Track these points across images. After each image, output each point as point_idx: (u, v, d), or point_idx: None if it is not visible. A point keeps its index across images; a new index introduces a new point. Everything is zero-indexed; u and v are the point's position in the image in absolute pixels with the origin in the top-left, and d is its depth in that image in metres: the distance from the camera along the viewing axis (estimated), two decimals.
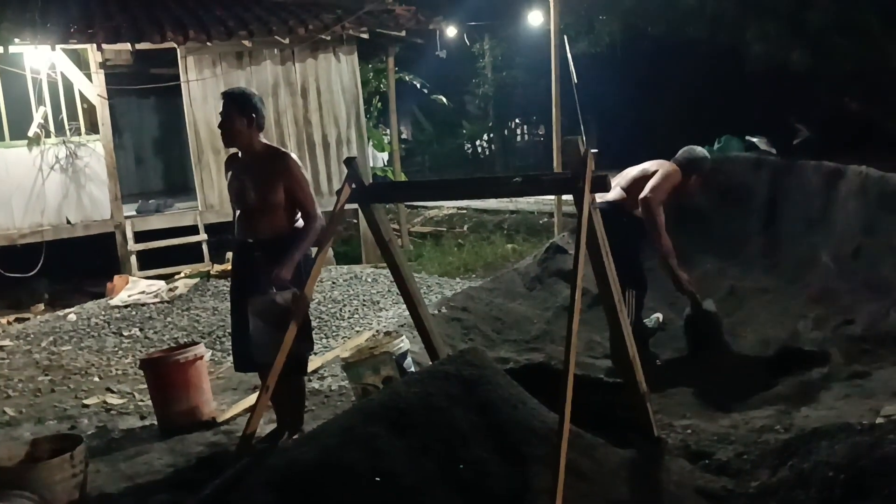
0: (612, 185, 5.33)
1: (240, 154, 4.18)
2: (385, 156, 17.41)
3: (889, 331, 4.90)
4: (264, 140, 4.19)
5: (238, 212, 4.22)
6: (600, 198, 5.28)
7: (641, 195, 5.22)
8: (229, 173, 4.22)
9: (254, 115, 4.04)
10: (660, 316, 5.92)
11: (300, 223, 4.14)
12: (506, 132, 26.06)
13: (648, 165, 5.43)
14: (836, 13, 11.58)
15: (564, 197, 8.66)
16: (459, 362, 3.21)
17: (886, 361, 4.69)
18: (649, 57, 18.11)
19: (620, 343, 3.47)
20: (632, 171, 5.49)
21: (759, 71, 13.63)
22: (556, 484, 2.59)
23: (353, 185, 3.73)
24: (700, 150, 5.45)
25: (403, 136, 23.63)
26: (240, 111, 4.02)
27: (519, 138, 27.94)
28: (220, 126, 4.10)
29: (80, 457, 3.37)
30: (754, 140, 11.46)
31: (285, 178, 4.04)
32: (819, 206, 6.18)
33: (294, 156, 4.21)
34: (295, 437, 4.07)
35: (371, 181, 4.30)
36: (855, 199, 5.87)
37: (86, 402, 5.31)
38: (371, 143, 15.86)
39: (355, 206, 3.99)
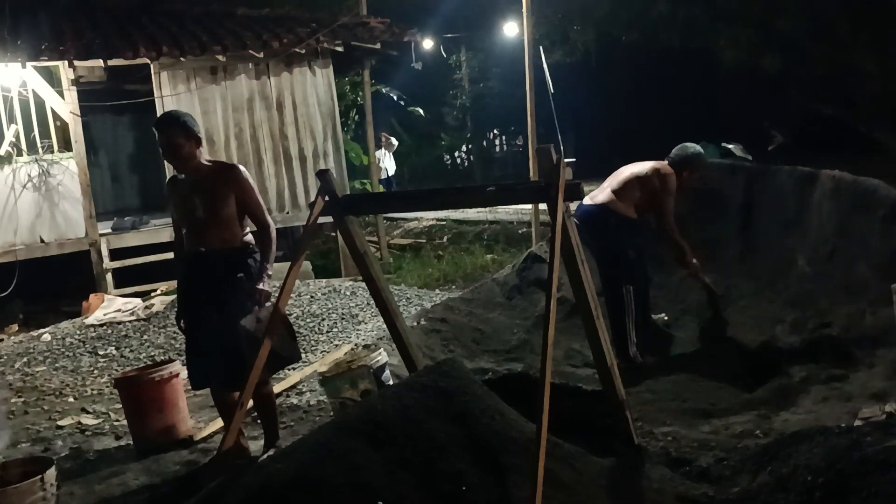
0: (604, 186, 5.52)
1: (183, 175, 4.12)
2: (392, 165, 17.40)
3: (865, 333, 4.92)
4: (207, 156, 4.17)
5: (185, 230, 4.19)
6: (590, 200, 5.46)
7: (660, 230, 5.47)
8: (172, 198, 4.17)
9: (196, 133, 4.03)
10: (664, 315, 6.02)
11: (248, 237, 4.15)
12: (484, 143, 26.17)
13: (638, 168, 5.55)
14: (805, 19, 11.71)
15: (542, 206, 8.67)
16: (436, 374, 3.18)
17: (863, 363, 4.72)
18: (624, 65, 18.28)
19: (598, 351, 3.46)
20: (623, 173, 5.59)
21: (733, 77, 13.76)
22: (534, 494, 2.57)
23: (327, 198, 3.70)
24: (692, 148, 5.63)
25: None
26: (184, 133, 3.98)
27: (497, 149, 28.07)
28: (167, 153, 4.04)
29: (51, 479, 3.31)
30: (730, 146, 11.54)
31: (237, 190, 4.03)
32: (794, 210, 6.21)
33: (242, 167, 4.19)
34: (271, 452, 4.02)
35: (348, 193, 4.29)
36: (828, 203, 5.90)
37: (60, 423, 5.22)
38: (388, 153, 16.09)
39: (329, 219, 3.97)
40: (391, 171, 17.55)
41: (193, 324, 4.13)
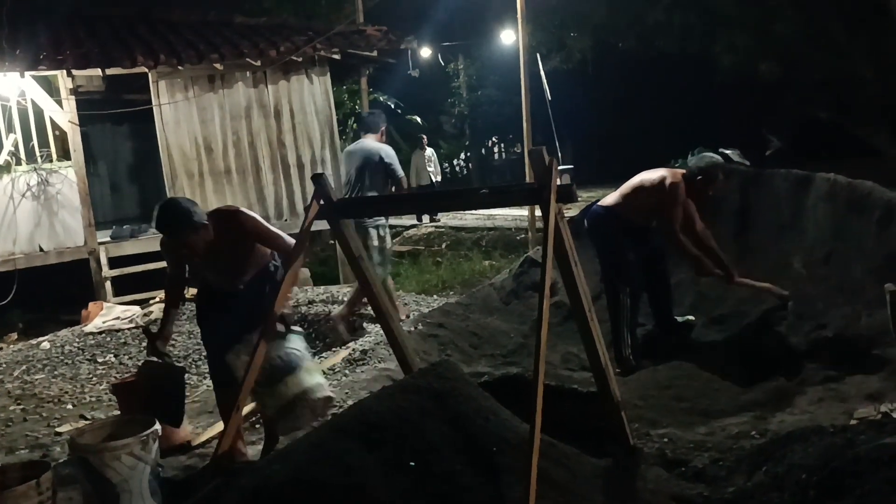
0: (616, 191, 5.65)
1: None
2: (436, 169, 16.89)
3: (861, 334, 4.93)
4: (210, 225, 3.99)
5: (211, 277, 4.24)
6: (601, 203, 5.68)
7: (668, 240, 5.46)
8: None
9: (203, 221, 3.90)
10: (690, 317, 6.00)
11: (276, 257, 4.19)
12: (483, 151, 26.20)
13: (648, 176, 5.58)
14: (802, 24, 11.75)
15: (539, 213, 8.69)
16: (431, 375, 3.19)
17: (859, 364, 4.73)
18: (621, 71, 18.31)
19: (592, 352, 3.47)
20: (634, 180, 5.63)
21: (730, 82, 13.79)
22: (528, 494, 2.58)
23: (322, 202, 3.71)
24: (707, 158, 5.55)
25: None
26: (193, 228, 3.86)
27: (496, 156, 28.10)
28: (187, 253, 3.96)
29: (47, 483, 3.30)
30: (727, 152, 11.50)
31: (247, 235, 4.02)
32: (789, 213, 6.23)
33: (241, 210, 4.12)
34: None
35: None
36: (824, 206, 5.93)
37: (58, 430, 5.23)
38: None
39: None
40: (436, 178, 16.96)
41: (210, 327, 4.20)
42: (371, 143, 6.98)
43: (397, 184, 6.85)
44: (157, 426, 3.62)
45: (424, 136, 17.56)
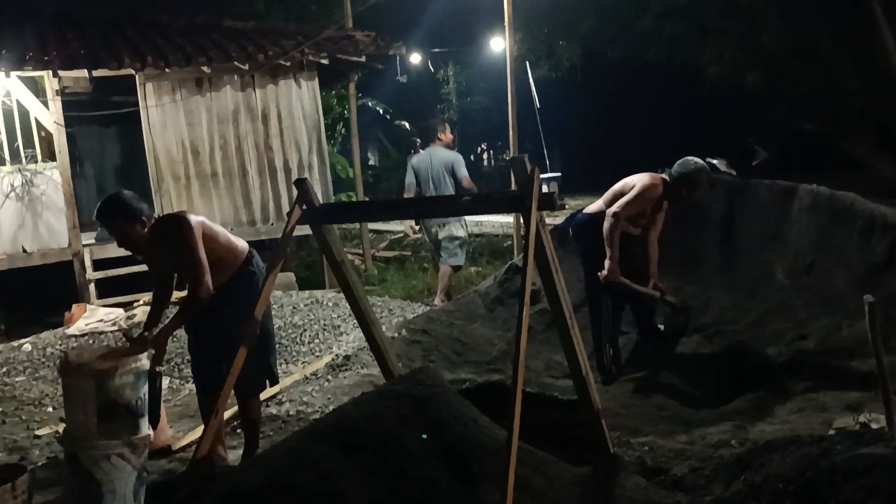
0: (601, 199, 5.57)
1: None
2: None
3: (842, 345, 4.97)
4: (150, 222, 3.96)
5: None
6: (586, 210, 5.67)
7: (608, 209, 5.30)
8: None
9: (140, 214, 3.86)
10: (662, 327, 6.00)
11: (240, 252, 4.14)
12: (472, 157, 26.20)
13: (630, 179, 5.51)
14: (788, 35, 11.82)
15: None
16: (410, 382, 3.19)
17: (839, 375, 4.76)
18: (609, 80, 18.38)
19: (573, 360, 3.48)
20: (616, 186, 5.57)
21: (717, 92, 13.85)
22: (505, 501, 2.57)
23: (304, 207, 3.71)
24: (691, 164, 5.36)
25: (371, 162, 23.66)
26: (127, 219, 3.85)
27: (485, 163, 28.14)
28: (120, 243, 3.96)
29: (23, 487, 3.27)
30: (714, 162, 11.55)
31: (173, 252, 3.91)
32: (773, 223, 6.27)
33: (185, 220, 3.95)
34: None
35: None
36: (807, 216, 5.97)
37: (38, 432, 5.19)
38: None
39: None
40: None
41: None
42: (443, 151, 7.92)
43: (460, 185, 7.74)
44: (150, 432, 3.57)
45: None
